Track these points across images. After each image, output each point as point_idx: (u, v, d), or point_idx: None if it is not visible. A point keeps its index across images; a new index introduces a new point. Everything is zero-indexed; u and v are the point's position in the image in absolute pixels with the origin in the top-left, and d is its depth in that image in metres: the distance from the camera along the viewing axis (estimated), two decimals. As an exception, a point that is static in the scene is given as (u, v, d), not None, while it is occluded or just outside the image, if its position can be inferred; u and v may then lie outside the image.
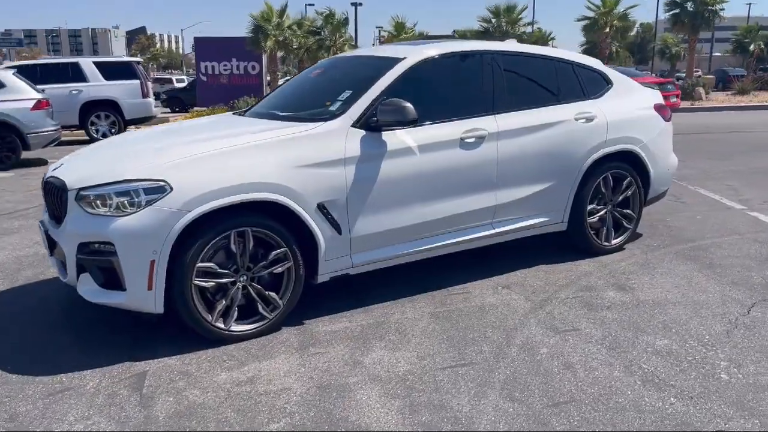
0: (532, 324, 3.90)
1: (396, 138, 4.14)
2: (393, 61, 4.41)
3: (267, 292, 3.82)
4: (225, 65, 25.50)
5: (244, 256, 3.70)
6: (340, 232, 3.98)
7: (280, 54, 25.00)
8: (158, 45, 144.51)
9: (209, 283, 3.62)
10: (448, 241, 4.49)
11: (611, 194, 5.21)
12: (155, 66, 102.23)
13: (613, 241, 5.29)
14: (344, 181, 3.94)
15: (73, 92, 15.01)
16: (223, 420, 2.92)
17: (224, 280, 3.68)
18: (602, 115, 5.04)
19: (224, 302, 3.69)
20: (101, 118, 15.34)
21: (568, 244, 5.23)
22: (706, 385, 3.13)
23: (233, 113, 5.15)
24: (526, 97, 4.84)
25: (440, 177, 4.31)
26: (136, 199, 3.45)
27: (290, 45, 23.66)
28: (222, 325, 3.70)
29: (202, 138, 3.98)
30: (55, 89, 14.52)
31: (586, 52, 34.56)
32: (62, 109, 14.20)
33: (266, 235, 3.74)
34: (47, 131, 11.30)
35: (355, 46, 25.88)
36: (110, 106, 15.28)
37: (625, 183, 5.25)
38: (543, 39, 36.22)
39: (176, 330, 3.79)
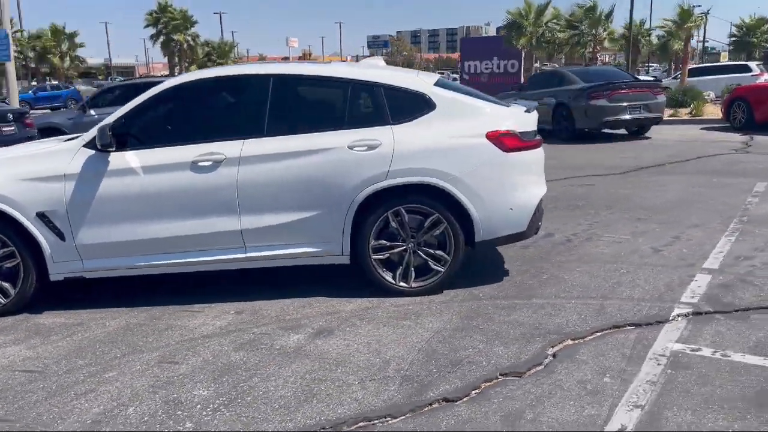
0: (155, 350, 3.98)
1: (122, 159, 4.55)
2: (155, 87, 4.77)
3: (0, 282, 4.66)
4: (486, 64, 25.95)
5: (-27, 251, 4.61)
6: (63, 239, 4.59)
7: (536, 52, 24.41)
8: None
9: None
10: (193, 259, 4.69)
11: (411, 231, 4.65)
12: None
13: (413, 284, 4.70)
14: (63, 194, 4.52)
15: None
16: None
17: (-41, 268, 4.64)
18: (390, 144, 4.54)
19: (-41, 286, 4.66)
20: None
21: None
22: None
23: None
24: (294, 123, 4.68)
25: (168, 197, 4.55)
26: None
27: (547, 41, 22.97)
28: (-43, 303, 4.67)
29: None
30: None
31: None
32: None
33: (-8, 235, 4.57)
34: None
35: (619, 41, 23.72)
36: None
37: (429, 220, 4.62)
38: None
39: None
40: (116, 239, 4.61)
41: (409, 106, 4.69)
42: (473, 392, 3.30)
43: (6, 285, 4.67)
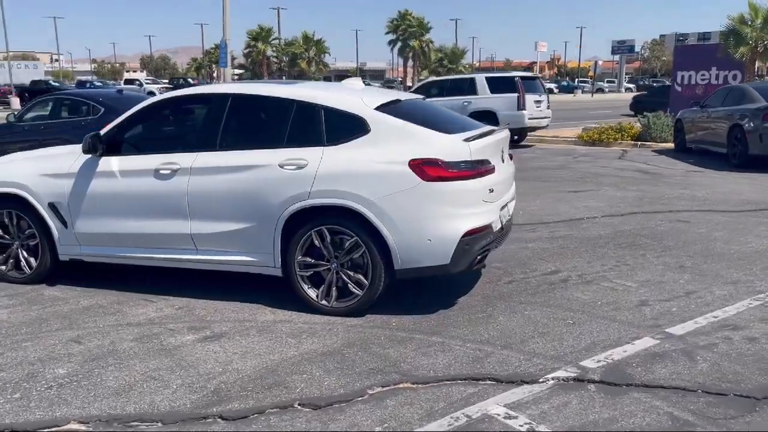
0: (80, 329, 4.62)
1: (107, 163, 5.32)
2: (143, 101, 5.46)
3: (27, 257, 5.72)
4: (703, 75, 23.31)
5: (12, 228, 5.70)
6: (66, 227, 5.50)
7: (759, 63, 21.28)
8: None
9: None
10: (158, 256, 5.31)
11: (334, 251, 4.72)
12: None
13: (335, 303, 4.77)
14: (66, 189, 5.42)
15: (465, 103, 17.42)
16: None
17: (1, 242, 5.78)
18: (314, 165, 4.66)
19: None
20: (483, 127, 17.33)
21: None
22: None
23: None
24: (242, 139, 5.06)
25: (137, 198, 5.21)
26: None
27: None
28: (2, 267, 5.82)
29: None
30: (453, 101, 17.29)
31: None
32: (457, 117, 17.02)
33: (21, 217, 5.63)
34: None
35: None
36: (491, 116, 17.08)
37: (348, 243, 4.65)
38: None
39: None
40: (101, 231, 5.39)
41: (345, 128, 4.76)
42: (253, 415, 3.38)
43: (31, 259, 5.71)
